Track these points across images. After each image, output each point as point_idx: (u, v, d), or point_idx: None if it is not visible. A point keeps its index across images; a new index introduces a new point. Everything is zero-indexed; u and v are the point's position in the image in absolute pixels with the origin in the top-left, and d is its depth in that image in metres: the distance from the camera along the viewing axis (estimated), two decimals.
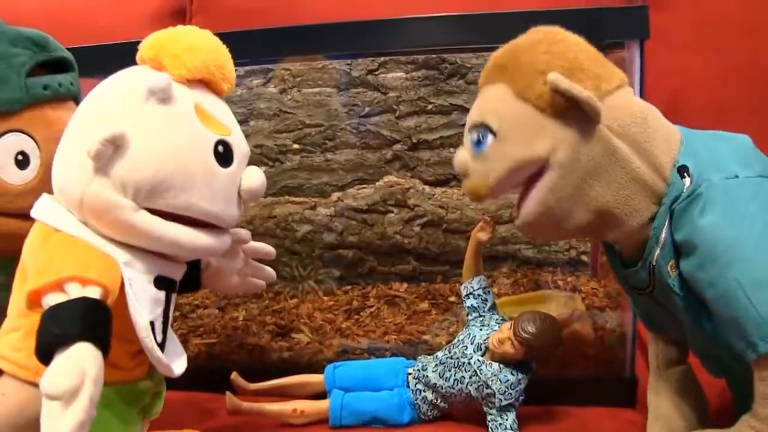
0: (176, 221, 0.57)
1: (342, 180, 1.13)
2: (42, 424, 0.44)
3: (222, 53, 0.62)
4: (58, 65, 0.68)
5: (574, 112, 0.60)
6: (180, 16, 1.40)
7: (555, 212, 0.62)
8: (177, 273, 0.62)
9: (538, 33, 0.65)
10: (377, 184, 1.12)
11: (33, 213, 0.58)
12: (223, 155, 0.59)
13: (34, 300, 0.50)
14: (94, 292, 0.50)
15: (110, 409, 0.57)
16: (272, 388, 0.88)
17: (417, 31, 0.84)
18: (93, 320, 0.48)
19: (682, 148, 0.63)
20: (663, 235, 0.62)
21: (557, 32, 0.65)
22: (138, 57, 0.62)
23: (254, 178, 0.61)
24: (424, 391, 0.83)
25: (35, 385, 0.51)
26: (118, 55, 0.84)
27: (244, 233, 0.74)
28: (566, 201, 0.62)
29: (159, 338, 0.57)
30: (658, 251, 0.62)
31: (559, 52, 0.62)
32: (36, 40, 0.65)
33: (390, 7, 1.29)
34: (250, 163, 0.65)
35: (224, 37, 0.83)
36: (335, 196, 1.12)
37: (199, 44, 0.60)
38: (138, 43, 0.60)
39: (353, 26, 0.85)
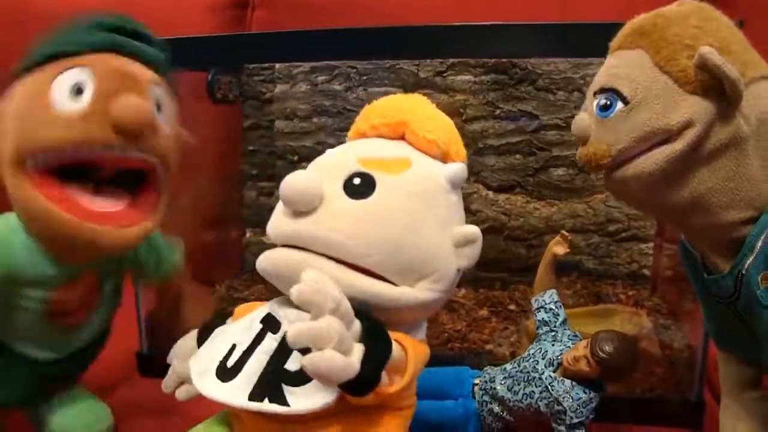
0: None
1: None
2: None
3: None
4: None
5: (715, 92, 0.57)
6: (241, 7, 1.40)
7: (661, 179, 0.60)
8: None
9: (688, 5, 0.62)
10: None
11: None
12: None
13: None
14: None
15: None
16: None
17: (488, 38, 0.81)
18: None
19: None
20: (759, 244, 0.60)
21: (709, 9, 0.61)
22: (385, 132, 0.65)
23: None
24: (490, 403, 0.82)
25: None
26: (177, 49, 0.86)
27: None
28: (677, 173, 0.59)
29: None
30: (750, 259, 0.60)
31: (710, 29, 0.59)
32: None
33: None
34: (310, 159, 0.65)
35: (289, 36, 0.83)
36: None
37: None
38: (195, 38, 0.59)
39: (422, 30, 0.83)
